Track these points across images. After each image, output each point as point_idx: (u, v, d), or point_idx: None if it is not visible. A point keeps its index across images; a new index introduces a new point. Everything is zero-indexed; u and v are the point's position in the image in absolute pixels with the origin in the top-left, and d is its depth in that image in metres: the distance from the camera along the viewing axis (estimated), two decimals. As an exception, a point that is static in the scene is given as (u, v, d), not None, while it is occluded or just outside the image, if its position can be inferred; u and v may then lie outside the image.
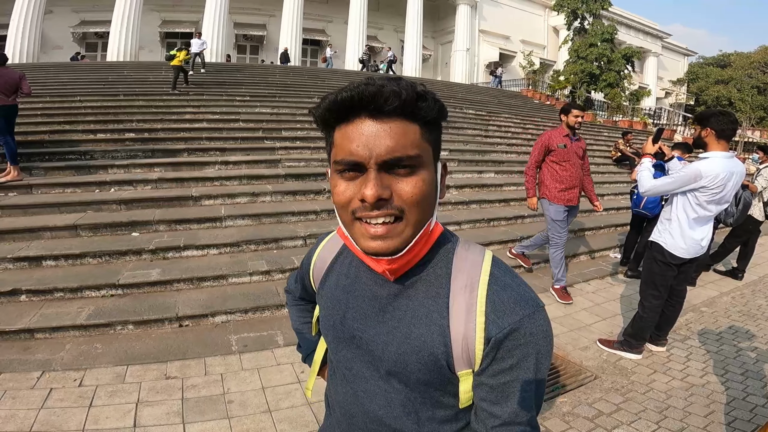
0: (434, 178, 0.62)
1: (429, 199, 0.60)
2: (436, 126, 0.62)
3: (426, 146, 0.60)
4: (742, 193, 4.44)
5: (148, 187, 5.42)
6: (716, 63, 37.55)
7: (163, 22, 21.81)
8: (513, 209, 6.48)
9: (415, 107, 0.57)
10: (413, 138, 0.57)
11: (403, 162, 0.56)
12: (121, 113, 7.68)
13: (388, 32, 26.08)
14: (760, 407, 2.49)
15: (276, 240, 4.44)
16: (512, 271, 0.66)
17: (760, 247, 6.43)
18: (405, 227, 0.59)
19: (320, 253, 0.84)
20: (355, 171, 0.58)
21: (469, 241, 0.69)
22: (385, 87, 0.55)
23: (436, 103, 0.59)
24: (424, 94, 0.57)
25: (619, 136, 11.47)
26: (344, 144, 0.58)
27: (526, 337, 0.58)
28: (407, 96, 0.55)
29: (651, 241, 2.91)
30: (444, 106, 0.61)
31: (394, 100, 0.55)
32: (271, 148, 7.12)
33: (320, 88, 12.11)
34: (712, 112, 2.67)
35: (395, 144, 0.56)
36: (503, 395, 0.60)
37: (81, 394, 2.37)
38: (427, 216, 0.61)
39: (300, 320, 1.04)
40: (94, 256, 3.81)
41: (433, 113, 0.59)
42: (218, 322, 3.27)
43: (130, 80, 10.99)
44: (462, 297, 0.62)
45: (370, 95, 0.55)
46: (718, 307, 4.10)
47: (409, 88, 0.56)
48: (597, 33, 19.59)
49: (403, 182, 0.57)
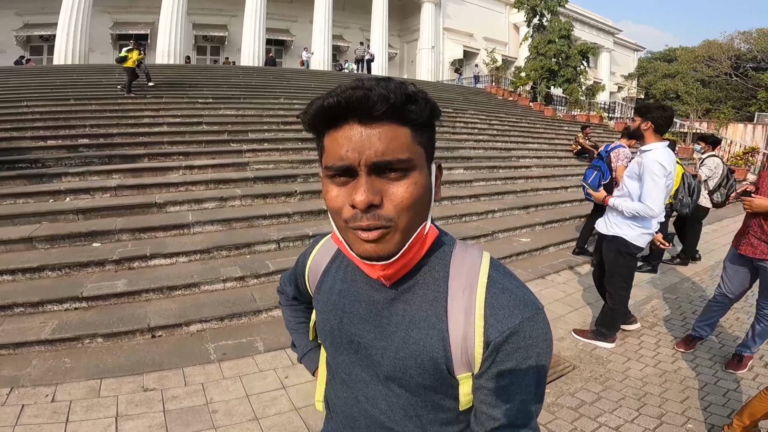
0: (428, 181, 0.60)
1: (422, 203, 0.59)
2: (428, 127, 0.61)
3: (418, 149, 0.58)
4: (696, 183, 4.71)
5: (107, 195, 5.16)
6: (663, 58, 39.57)
7: (115, 23, 20.79)
8: (483, 204, 6.61)
9: (405, 111, 0.55)
10: (404, 141, 0.56)
11: (393, 166, 0.56)
12: (73, 118, 7.29)
13: (354, 31, 25.96)
14: (732, 391, 2.62)
15: (248, 245, 4.33)
16: (511, 273, 0.66)
17: (715, 233, 6.87)
18: (396, 233, 0.58)
19: (315, 257, 0.82)
20: (345, 176, 0.57)
21: (466, 243, 0.69)
22: (373, 91, 0.53)
23: (427, 104, 0.58)
24: (414, 96, 0.56)
25: (579, 130, 11.92)
26: (334, 149, 0.57)
27: (525, 341, 0.58)
28: (396, 100, 0.54)
29: (613, 236, 2.89)
30: (436, 107, 0.60)
31: (382, 105, 0.53)
32: (237, 151, 6.95)
33: (286, 89, 11.92)
34: (654, 106, 2.74)
35: (385, 147, 0.55)
36: (503, 398, 0.60)
37: (55, 410, 2.26)
38: (421, 219, 0.60)
39: (294, 320, 1.02)
40: (53, 268, 3.61)
41: (423, 115, 0.58)
42: (193, 331, 3.16)
43: (80, 84, 10.41)
44: (460, 300, 0.61)
45: (357, 100, 0.53)
46: (681, 293, 4.31)
47: (398, 91, 0.55)
48: (555, 29, 20.23)
49: (395, 186, 0.56)
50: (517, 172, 8.88)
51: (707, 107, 30.21)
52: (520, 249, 5.20)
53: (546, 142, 12.24)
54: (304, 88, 12.46)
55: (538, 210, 6.86)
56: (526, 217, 6.47)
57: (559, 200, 7.39)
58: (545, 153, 11.00)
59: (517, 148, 10.64)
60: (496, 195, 7.11)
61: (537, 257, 5.24)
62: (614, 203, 2.87)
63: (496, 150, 10.00)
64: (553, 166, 10.09)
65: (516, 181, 8.23)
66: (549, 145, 12.05)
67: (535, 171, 9.26)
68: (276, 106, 9.70)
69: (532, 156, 10.31)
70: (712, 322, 3.07)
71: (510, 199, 7.14)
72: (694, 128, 17.10)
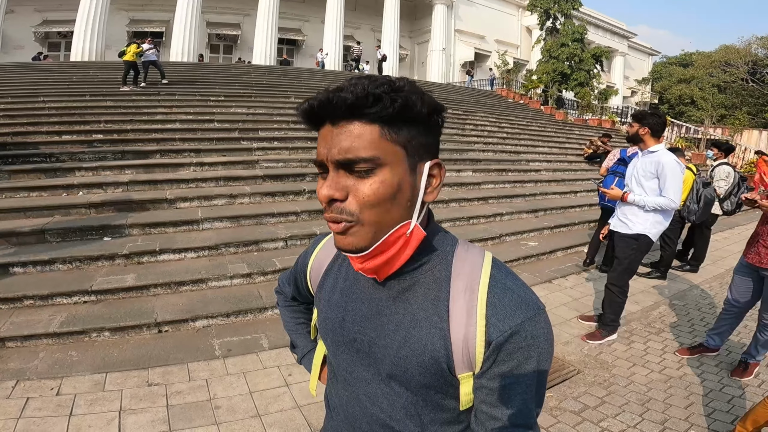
0: (403, 179, 0.59)
1: (391, 201, 0.58)
2: (414, 124, 0.59)
3: (389, 146, 0.57)
4: (703, 191, 4.64)
5: (119, 189, 5.23)
6: (679, 62, 39.04)
7: (131, 21, 21.08)
8: (491, 207, 6.58)
9: (366, 109, 0.56)
10: (369, 139, 0.56)
11: (355, 163, 0.56)
12: (88, 114, 7.39)
13: (365, 32, 26.02)
14: (737, 398, 2.59)
15: (256, 242, 4.36)
16: (513, 273, 0.66)
17: (725, 240, 6.76)
18: (361, 228, 0.58)
19: (317, 255, 0.83)
20: (324, 171, 0.60)
21: (468, 243, 0.69)
22: (338, 93, 0.55)
23: (393, 102, 0.55)
24: (378, 96, 0.55)
25: (591, 134, 11.77)
26: (317, 146, 0.61)
27: (527, 340, 0.58)
28: (356, 100, 0.55)
29: (639, 234, 3.02)
30: (408, 102, 0.56)
31: (341, 107, 0.55)
32: (248, 149, 7.00)
33: (297, 88, 11.99)
34: (649, 113, 3.01)
35: (348, 146, 0.56)
36: (504, 398, 0.60)
37: (60, 403, 2.28)
38: (393, 218, 0.59)
39: (293, 321, 1.03)
40: (64, 261, 3.66)
41: (388, 113, 0.56)
42: (199, 327, 3.19)
43: (96, 80, 10.59)
44: (462, 300, 0.62)
45: (321, 104, 0.57)
46: (689, 300, 4.26)
47: (362, 92, 0.55)
48: (568, 33, 20.12)
49: (361, 183, 0.57)
50: (527, 175, 8.82)
51: (722, 113, 29.72)
52: (528, 252, 5.17)
53: (556, 146, 12.14)
54: (315, 87, 12.49)
55: (547, 214, 6.81)
56: (534, 220, 6.43)
57: (568, 204, 7.32)
58: (555, 157, 10.91)
59: (526, 151, 10.56)
60: (504, 198, 7.07)
61: (544, 261, 5.21)
62: (635, 200, 3.02)
63: (506, 153, 9.94)
64: (563, 170, 10.00)
65: (525, 185, 8.17)
66: (559, 149, 11.95)
67: (544, 175, 9.20)
68: (286, 105, 9.75)
69: (542, 159, 10.23)
70: (722, 331, 3.02)
71: (518, 202, 7.10)
72: (709, 134, 16.84)
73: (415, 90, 0.58)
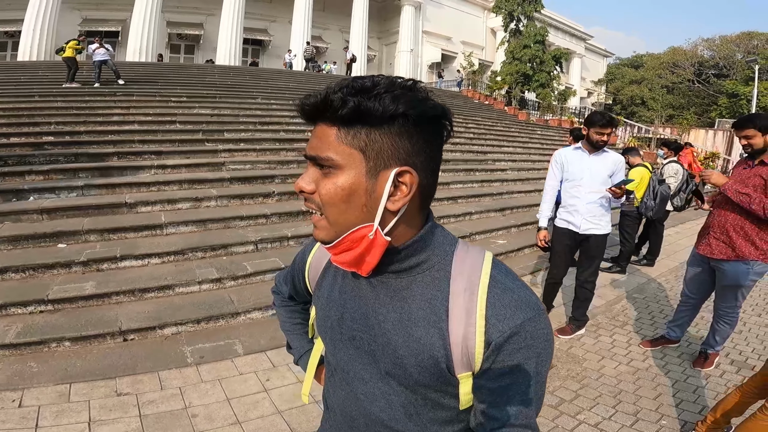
0: (357, 184, 0.58)
1: (341, 203, 0.58)
2: (374, 127, 0.56)
3: (344, 149, 0.57)
4: (659, 188, 4.92)
5: (73, 194, 4.96)
6: (630, 64, 41.08)
7: (84, 20, 20.01)
8: (461, 206, 6.70)
9: (325, 113, 0.58)
10: (329, 141, 0.58)
11: (318, 161, 0.59)
12: (38, 115, 6.99)
13: (334, 32, 25.88)
14: (701, 388, 2.72)
15: (225, 246, 4.25)
16: (512, 273, 0.66)
17: (677, 234, 7.17)
18: (325, 222, 0.61)
19: (316, 253, 0.82)
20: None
21: (468, 243, 0.69)
22: (311, 98, 0.59)
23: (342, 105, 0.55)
24: (331, 100, 0.55)
25: (552, 134, 12.21)
26: None
27: (526, 341, 0.59)
28: (315, 103, 0.58)
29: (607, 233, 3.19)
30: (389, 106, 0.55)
31: (312, 108, 0.59)
32: (213, 151, 6.81)
33: (263, 88, 11.76)
34: (591, 116, 3.08)
35: (315, 144, 0.60)
36: (503, 398, 0.61)
37: (23, 415, 2.17)
38: (349, 219, 0.59)
39: (290, 321, 1.01)
40: (17, 270, 3.45)
41: (337, 115, 0.56)
42: (168, 334, 3.07)
43: (46, 80, 10.01)
44: (462, 300, 0.61)
45: (301, 106, 0.60)
46: (648, 293, 4.48)
47: (323, 95, 0.57)
48: (530, 35, 20.72)
49: (323, 180, 0.60)
50: (493, 174, 9.04)
51: (671, 113, 31.52)
52: (497, 250, 5.30)
53: (520, 145, 12.51)
54: (282, 88, 12.33)
55: (514, 212, 7.00)
56: (502, 219, 6.60)
57: (533, 203, 7.54)
58: (519, 156, 11.24)
59: (492, 151, 10.83)
60: (473, 197, 7.21)
61: (513, 258, 5.35)
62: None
63: (473, 153, 10.15)
64: (528, 169, 10.32)
65: (492, 184, 8.37)
66: (523, 148, 12.32)
67: (510, 174, 9.45)
68: (253, 106, 9.56)
69: (507, 159, 10.51)
70: (681, 323, 3.14)
71: (486, 201, 7.27)
72: (658, 134, 17.83)
73: (395, 93, 0.55)
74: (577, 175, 3.10)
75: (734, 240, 2.60)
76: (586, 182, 3.07)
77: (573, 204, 3.13)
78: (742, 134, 2.54)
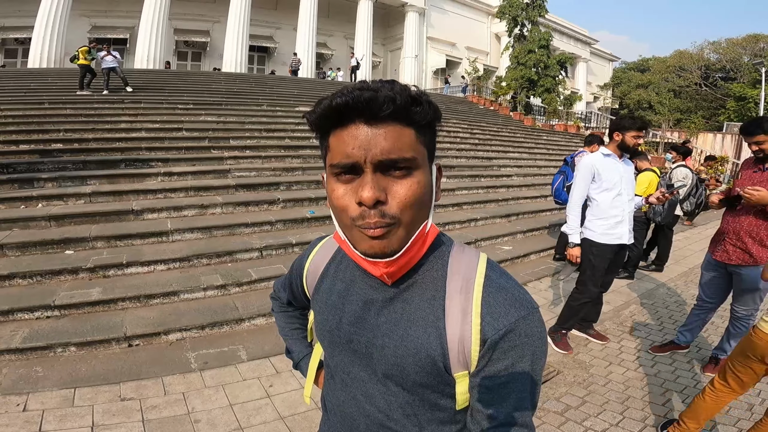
0: (429, 181, 0.62)
1: (423, 201, 0.61)
2: (430, 129, 0.63)
3: (421, 149, 0.60)
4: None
5: (81, 201, 5.01)
6: (637, 68, 40.92)
7: (93, 27, 20.33)
8: (466, 213, 6.68)
9: (410, 112, 0.57)
10: (408, 141, 0.58)
11: (398, 164, 0.57)
12: (47, 122, 7.07)
13: (338, 39, 26.06)
14: None
15: (230, 253, 4.26)
16: (507, 273, 0.67)
17: (686, 240, 7.09)
18: (399, 229, 0.59)
19: (314, 258, 0.83)
20: (351, 173, 0.58)
21: (464, 244, 0.71)
22: (380, 92, 0.55)
23: (430, 106, 0.59)
24: (418, 99, 0.58)
25: (557, 140, 12.17)
26: (340, 147, 0.58)
27: (521, 339, 0.60)
28: (402, 101, 0.56)
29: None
30: (437, 109, 0.61)
31: (389, 106, 0.55)
32: (219, 158, 6.85)
33: (268, 95, 11.84)
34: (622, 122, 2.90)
35: (391, 146, 0.56)
36: (499, 396, 0.61)
37: (28, 419, 2.18)
38: (422, 218, 0.62)
39: (288, 326, 1.02)
40: (24, 276, 3.48)
41: (427, 117, 0.60)
42: (173, 340, 3.08)
43: (55, 88, 10.15)
44: (458, 299, 0.63)
45: (365, 101, 0.55)
46: (657, 299, 4.42)
47: (403, 93, 0.57)
48: (535, 39, 20.71)
49: (398, 184, 0.58)
50: (499, 180, 9.01)
51: (678, 117, 31.28)
52: (503, 257, 5.27)
53: (526, 151, 12.47)
54: (288, 95, 12.41)
55: (519, 218, 6.97)
56: (507, 225, 6.56)
57: (539, 209, 7.52)
58: (525, 162, 11.21)
59: (498, 157, 10.81)
60: (478, 203, 7.19)
61: (519, 264, 5.32)
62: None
63: (478, 159, 10.14)
64: (533, 175, 10.28)
65: (497, 190, 8.34)
66: (529, 154, 12.29)
67: (516, 180, 9.42)
68: (259, 113, 9.62)
69: (513, 165, 10.49)
70: (693, 327, 3.10)
71: (492, 207, 7.24)
72: (666, 138, 17.71)
73: (428, 98, 0.60)
74: (616, 183, 2.92)
75: (749, 246, 2.59)
76: (625, 190, 2.94)
77: (616, 215, 2.93)
78: (752, 140, 2.52)
